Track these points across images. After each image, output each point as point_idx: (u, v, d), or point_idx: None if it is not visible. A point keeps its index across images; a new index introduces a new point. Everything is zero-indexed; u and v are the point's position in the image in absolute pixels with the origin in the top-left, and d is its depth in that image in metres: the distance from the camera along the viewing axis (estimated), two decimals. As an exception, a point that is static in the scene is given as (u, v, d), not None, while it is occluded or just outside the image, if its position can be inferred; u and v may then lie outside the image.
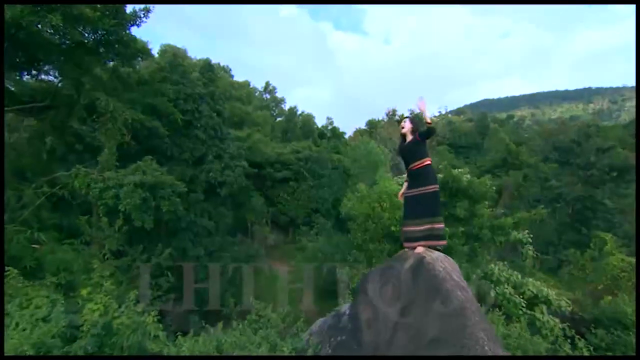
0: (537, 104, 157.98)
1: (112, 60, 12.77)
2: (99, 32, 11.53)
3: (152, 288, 10.78)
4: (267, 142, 32.55)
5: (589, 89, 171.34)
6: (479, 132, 52.36)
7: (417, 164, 4.42)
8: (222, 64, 43.49)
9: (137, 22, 11.77)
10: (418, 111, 4.53)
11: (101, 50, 12.34)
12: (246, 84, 45.89)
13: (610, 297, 13.53)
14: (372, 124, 50.09)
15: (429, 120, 4.25)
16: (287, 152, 30.39)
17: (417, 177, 4.44)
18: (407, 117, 4.55)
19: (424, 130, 4.33)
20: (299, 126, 48.29)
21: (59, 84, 12.18)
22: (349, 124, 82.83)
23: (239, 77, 47.76)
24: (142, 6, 11.38)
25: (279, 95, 51.81)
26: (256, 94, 49.16)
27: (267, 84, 51.70)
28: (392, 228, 14.93)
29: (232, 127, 26.63)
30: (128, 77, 13.76)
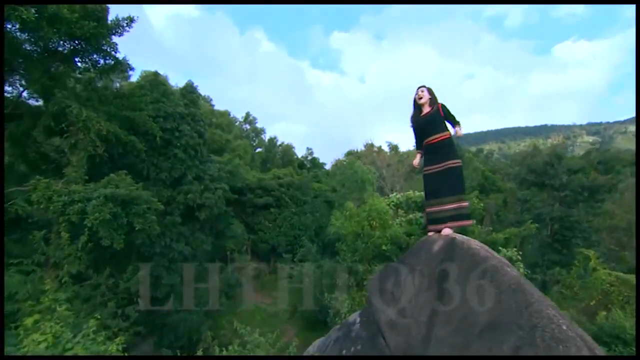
0: (502, 139, 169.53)
1: (88, 71, 12.07)
2: (76, 41, 10.94)
3: (117, 318, 9.29)
4: (248, 170, 31.84)
5: (546, 125, 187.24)
6: (454, 162, 54.35)
7: (438, 137, 4.02)
8: (202, 94, 43.44)
9: (119, 32, 11.33)
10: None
11: (77, 59, 11.69)
12: (226, 113, 45.80)
13: (604, 312, 13.34)
14: (351, 155, 50.78)
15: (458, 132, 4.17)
16: (268, 178, 29.70)
17: (437, 151, 4.03)
18: (423, 86, 4.21)
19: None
20: (278, 156, 48.14)
21: (23, 92, 11.21)
22: (327, 158, 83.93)
23: (218, 108, 47.60)
24: (125, 15, 11.02)
25: (259, 126, 51.93)
26: (236, 124, 49.00)
27: (247, 114, 51.91)
28: (384, 247, 14.32)
29: (213, 153, 25.88)
30: (105, 90, 12.99)
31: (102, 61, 12.00)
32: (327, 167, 48.31)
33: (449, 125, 4.10)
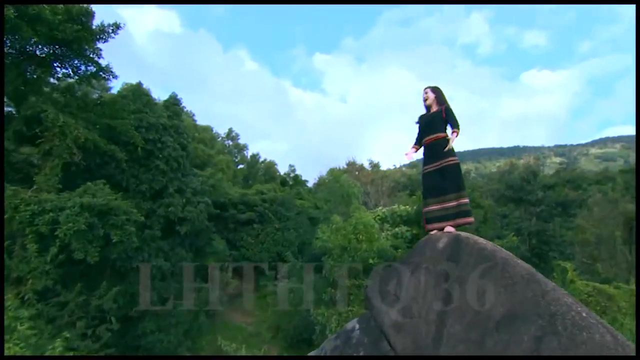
0: (478, 159, 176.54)
1: (68, 77, 11.61)
2: (56, 44, 10.54)
3: (86, 339, 8.49)
4: (230, 185, 31.25)
5: (518, 147, 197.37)
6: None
7: (434, 136, 4.10)
8: (185, 109, 42.77)
9: (104, 38, 11.06)
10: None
11: (56, 64, 11.25)
12: (209, 129, 45.23)
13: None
14: (333, 172, 50.90)
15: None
16: (251, 193, 29.19)
17: (434, 150, 4.08)
18: (428, 87, 4.30)
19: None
20: (261, 173, 47.65)
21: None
22: (310, 175, 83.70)
23: (201, 123, 46.82)
24: (111, 21, 10.80)
25: (241, 142, 51.50)
26: (219, 140, 48.39)
27: (230, 130, 51.45)
28: (370, 261, 14.15)
29: (195, 168, 25.26)
30: (85, 97, 12.46)
31: (83, 67, 11.61)
32: (310, 184, 48.15)
33: (449, 128, 4.16)
